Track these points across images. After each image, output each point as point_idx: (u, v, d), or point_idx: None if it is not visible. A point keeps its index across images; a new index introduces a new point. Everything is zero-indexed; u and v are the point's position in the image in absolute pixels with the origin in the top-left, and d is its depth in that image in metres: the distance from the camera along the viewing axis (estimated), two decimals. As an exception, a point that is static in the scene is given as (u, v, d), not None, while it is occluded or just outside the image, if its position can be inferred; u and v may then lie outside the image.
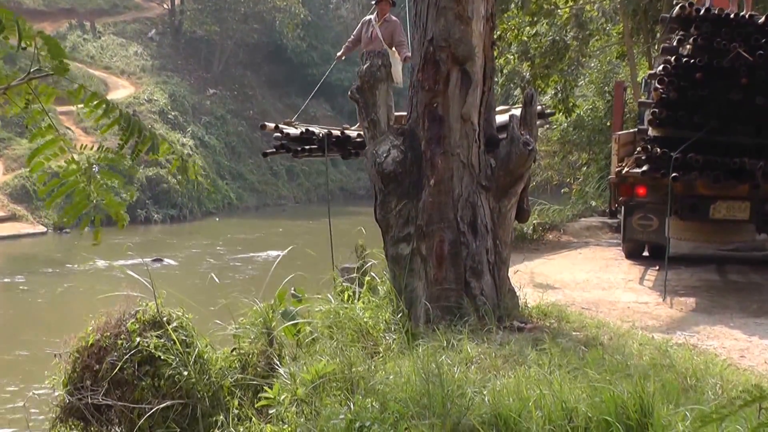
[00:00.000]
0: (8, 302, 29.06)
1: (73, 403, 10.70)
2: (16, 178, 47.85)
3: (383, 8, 16.87)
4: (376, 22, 16.82)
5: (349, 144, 14.63)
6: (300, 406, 8.84)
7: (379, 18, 16.83)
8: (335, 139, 14.75)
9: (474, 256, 10.62)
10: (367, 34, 16.83)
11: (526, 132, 10.89)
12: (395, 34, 16.68)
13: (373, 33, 16.67)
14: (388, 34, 16.68)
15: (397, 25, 16.79)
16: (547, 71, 27.60)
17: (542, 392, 7.04)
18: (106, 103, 5.81)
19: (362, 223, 15.27)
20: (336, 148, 14.78)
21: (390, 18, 16.91)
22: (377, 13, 16.95)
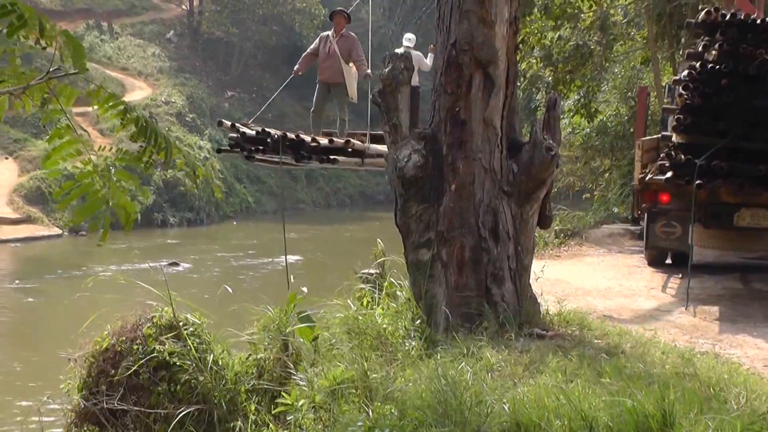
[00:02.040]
0: (22, 305, 29.04)
1: (88, 408, 10.65)
2: (32, 179, 47.85)
3: (339, 22, 17.25)
4: (333, 38, 17.10)
5: (302, 148, 14.58)
6: (318, 413, 8.76)
7: (336, 33, 17.17)
8: (289, 142, 14.68)
9: (495, 263, 10.50)
10: (325, 49, 17.14)
11: (548, 137, 10.76)
12: (353, 49, 17.08)
13: (331, 48, 17.03)
14: (345, 49, 17.05)
15: (354, 41, 17.19)
16: (570, 76, 27.49)
17: (562, 401, 6.94)
18: (124, 106, 5.72)
19: (381, 228, 15.24)
20: (290, 151, 14.70)
21: (347, 33, 17.28)
22: (334, 27, 17.27)
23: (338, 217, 55.74)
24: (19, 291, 31.21)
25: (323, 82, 17.43)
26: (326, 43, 17.09)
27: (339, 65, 16.96)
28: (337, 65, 17.01)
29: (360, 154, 15.22)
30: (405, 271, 11.54)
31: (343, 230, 46.16)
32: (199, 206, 52.99)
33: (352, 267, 14.30)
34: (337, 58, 16.89)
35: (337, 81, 17.23)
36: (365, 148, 15.13)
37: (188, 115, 59.90)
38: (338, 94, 17.35)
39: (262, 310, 11.51)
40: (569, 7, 26.75)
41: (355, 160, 15.19)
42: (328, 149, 14.93)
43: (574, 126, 32.27)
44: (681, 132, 15.08)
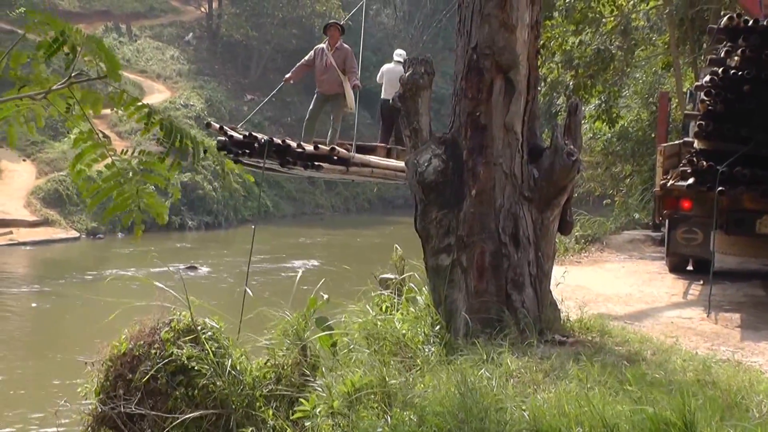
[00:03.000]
0: (39, 308, 29.07)
1: (105, 412, 10.64)
2: (49, 182, 47.92)
3: (333, 34, 17.64)
4: (328, 50, 17.46)
5: (288, 153, 14.64)
6: (336, 419, 8.71)
7: (330, 46, 17.55)
8: (275, 147, 14.73)
9: (515, 268, 10.44)
10: (322, 63, 17.51)
11: (570, 142, 10.70)
12: (347, 60, 17.43)
13: (328, 61, 17.40)
14: (340, 61, 17.42)
15: (348, 52, 17.59)
16: (591, 81, 27.42)
17: (583, 408, 6.88)
18: (148, 109, 5.70)
19: (400, 232, 15.23)
20: (276, 156, 14.78)
21: (341, 45, 17.67)
22: (328, 40, 17.66)
23: (357, 222, 55.72)
24: (36, 294, 31.24)
25: (321, 93, 17.65)
26: (322, 56, 17.51)
27: (337, 77, 17.35)
28: (335, 77, 17.41)
29: (345, 162, 15.26)
30: (424, 276, 11.50)
31: (361, 235, 46.18)
32: (217, 210, 53.04)
33: (370, 272, 14.26)
34: (335, 71, 17.31)
35: (336, 92, 17.60)
36: (350, 157, 15.18)
37: (207, 119, 59.81)
38: (335, 105, 17.74)
39: (281, 315, 11.49)
40: (590, 12, 26.68)
41: (340, 168, 15.25)
42: (313, 156, 14.98)
43: (595, 131, 32.20)
44: (703, 138, 15.01)
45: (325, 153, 14.96)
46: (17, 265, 37.92)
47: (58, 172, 48.46)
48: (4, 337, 24.13)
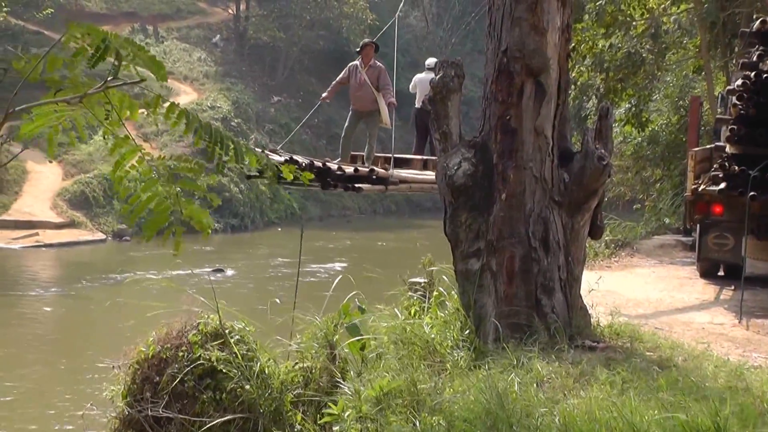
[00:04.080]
0: (66, 311, 29.16)
1: (132, 415, 10.65)
2: (76, 183, 48.03)
3: (368, 52, 17.70)
4: (362, 68, 17.53)
5: (328, 176, 14.71)
6: (364, 424, 8.68)
7: (364, 64, 17.59)
8: (316, 170, 14.77)
9: (545, 273, 10.38)
10: (356, 80, 17.58)
11: (600, 146, 10.63)
12: (381, 77, 17.47)
13: (361, 78, 17.47)
14: (374, 78, 17.46)
15: (381, 70, 17.61)
16: (622, 85, 27.31)
17: (614, 414, 6.82)
18: (186, 114, 5.68)
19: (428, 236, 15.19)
20: (316, 178, 14.85)
21: (375, 63, 17.68)
22: (362, 58, 17.74)
23: (384, 225, 55.72)
24: (62, 296, 31.33)
25: (357, 110, 17.73)
26: (356, 73, 17.65)
27: (372, 94, 17.46)
28: (369, 94, 17.49)
29: (384, 181, 15.28)
30: (453, 280, 11.45)
31: (388, 238, 46.11)
32: (243, 212, 53.07)
33: (398, 275, 14.22)
34: (369, 88, 17.42)
35: (371, 109, 17.67)
36: (389, 176, 15.19)
37: (234, 120, 59.88)
38: (370, 121, 17.80)
39: (310, 317, 11.47)
40: (621, 15, 26.57)
41: (378, 187, 15.26)
42: (353, 177, 15.02)
43: (625, 135, 32.08)
44: (735, 142, 14.93)
45: (364, 174, 14.99)
46: (43, 267, 38.04)
47: (85, 174, 48.60)
48: (30, 340, 24.21)
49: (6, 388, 18.81)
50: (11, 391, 18.64)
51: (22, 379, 19.70)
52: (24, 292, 31.26)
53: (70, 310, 29.09)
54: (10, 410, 17.43)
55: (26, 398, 18.25)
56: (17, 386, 19.04)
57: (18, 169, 47.58)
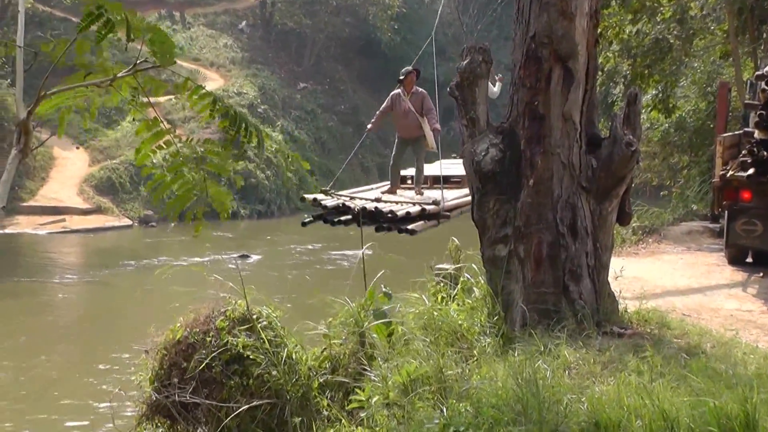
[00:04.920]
0: (92, 297, 29.28)
1: (159, 401, 10.68)
2: (102, 169, 48.19)
3: (410, 81, 17.62)
4: (405, 96, 17.50)
5: (381, 217, 14.71)
6: (391, 409, 8.68)
7: (407, 91, 17.53)
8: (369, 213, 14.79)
9: (573, 259, 10.35)
10: (400, 108, 17.52)
11: (629, 132, 10.57)
12: (424, 103, 17.41)
13: (405, 107, 17.39)
14: (418, 104, 17.39)
15: (424, 96, 17.54)
16: (649, 70, 27.16)
17: (642, 401, 6.80)
18: (213, 97, 5.69)
19: (455, 223, 15.09)
20: (369, 221, 14.89)
21: (417, 90, 17.64)
22: (404, 86, 17.65)
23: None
24: (89, 282, 31.45)
25: (403, 138, 17.88)
26: (399, 102, 17.63)
27: (417, 120, 17.42)
28: (414, 121, 17.46)
29: (436, 216, 15.26)
30: (481, 266, 11.43)
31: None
32: (270, 198, 53.08)
33: (424, 262, 14.21)
34: (413, 114, 17.39)
35: (417, 135, 17.66)
36: (440, 210, 15.15)
37: (260, 107, 59.89)
38: (417, 146, 17.79)
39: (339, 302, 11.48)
40: (648, 0, 26.40)
41: (431, 224, 15.21)
42: (405, 219, 15.05)
43: (652, 121, 31.91)
44: (763, 128, 14.85)
45: (416, 214, 14.99)
46: (70, 252, 38.20)
47: (111, 160, 48.77)
48: (58, 325, 24.31)
49: (33, 374, 18.89)
50: (38, 378, 18.72)
51: (50, 365, 19.79)
52: (50, 277, 31.39)
53: (97, 296, 29.20)
54: (37, 397, 17.51)
55: (53, 384, 18.32)
56: (44, 372, 19.12)
57: (45, 155, 47.78)
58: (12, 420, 16.01)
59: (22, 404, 16.92)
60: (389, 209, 14.59)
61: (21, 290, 28.38)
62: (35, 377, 18.59)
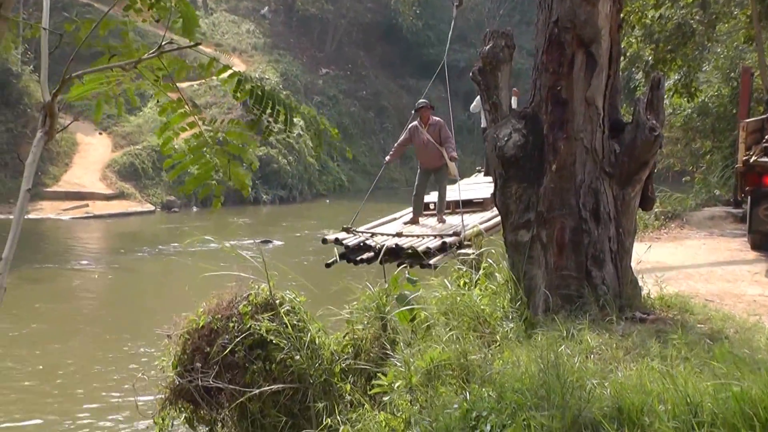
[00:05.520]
0: (115, 282, 29.37)
1: (182, 385, 10.72)
2: (125, 155, 48.38)
3: (424, 114, 17.88)
4: (422, 128, 17.78)
5: (402, 254, 14.74)
6: (414, 394, 8.69)
7: (424, 123, 17.81)
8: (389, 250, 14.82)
9: (596, 245, 10.33)
10: (419, 140, 17.83)
11: (652, 117, 10.54)
12: (442, 132, 17.75)
13: (425, 138, 17.70)
14: (436, 135, 17.72)
15: (441, 125, 17.86)
16: (671, 55, 27.06)
17: (666, 386, 6.79)
18: (240, 76, 5.71)
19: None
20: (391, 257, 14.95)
21: (434, 120, 17.92)
22: (420, 118, 17.94)
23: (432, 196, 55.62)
24: (112, 267, 31.55)
25: (425, 168, 18.19)
26: (417, 133, 17.91)
27: (437, 151, 17.71)
28: (435, 151, 17.74)
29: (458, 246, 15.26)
30: (503, 251, 11.43)
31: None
32: (292, 184, 53.18)
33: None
34: (433, 145, 17.69)
35: (439, 165, 17.93)
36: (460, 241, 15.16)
37: (282, 92, 59.77)
38: (440, 176, 18.07)
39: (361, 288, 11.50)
40: (671, -15, 26.33)
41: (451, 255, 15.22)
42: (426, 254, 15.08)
43: (675, 107, 31.81)
44: (786, 113, 14.80)
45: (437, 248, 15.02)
46: (93, 237, 38.35)
47: (134, 146, 48.94)
48: (81, 310, 24.41)
49: (57, 360, 18.98)
50: (63, 362, 18.80)
51: (74, 350, 19.86)
52: (74, 263, 31.53)
53: (120, 281, 29.30)
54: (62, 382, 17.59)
55: (77, 369, 18.39)
56: (69, 358, 19.20)
57: (68, 140, 47.99)
58: (33, 406, 16.09)
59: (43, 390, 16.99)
60: (409, 245, 14.71)
61: (44, 276, 28.49)
62: (56, 363, 18.65)
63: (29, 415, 15.61)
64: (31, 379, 17.55)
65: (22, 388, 16.99)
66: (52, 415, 15.67)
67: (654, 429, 6.35)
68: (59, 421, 15.38)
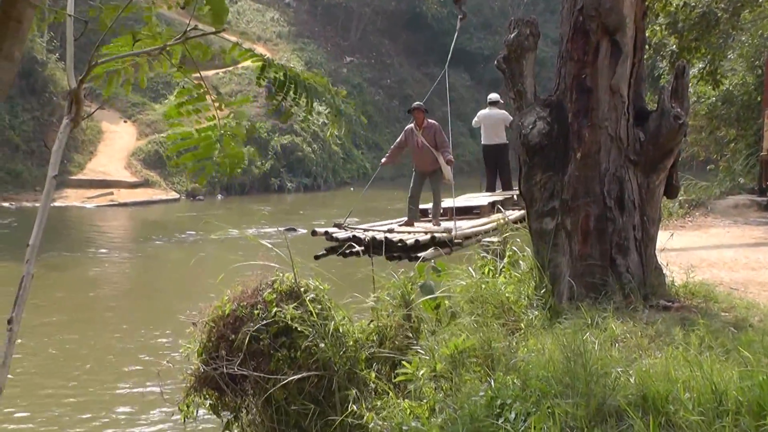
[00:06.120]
0: (141, 269, 29.50)
1: (207, 373, 10.74)
2: (150, 143, 48.56)
3: (418, 116, 17.98)
4: (417, 131, 17.85)
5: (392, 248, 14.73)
6: (438, 382, 8.71)
7: (418, 126, 17.89)
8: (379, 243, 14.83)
9: (620, 233, 10.35)
10: (414, 143, 17.94)
11: (677, 105, 10.53)
12: (437, 136, 17.81)
13: (419, 141, 17.77)
14: (431, 138, 17.78)
15: (437, 129, 17.93)
16: (696, 44, 26.93)
17: (691, 373, 6.80)
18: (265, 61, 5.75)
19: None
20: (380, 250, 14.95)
21: (429, 123, 17.98)
22: (415, 121, 18.03)
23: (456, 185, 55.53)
24: (137, 254, 31.68)
25: (420, 171, 18.28)
26: (413, 136, 18.00)
27: (431, 154, 17.78)
28: (429, 155, 17.82)
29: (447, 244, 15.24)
30: (527, 239, 11.44)
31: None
32: (316, 172, 53.26)
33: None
34: (428, 149, 17.74)
35: (433, 169, 17.99)
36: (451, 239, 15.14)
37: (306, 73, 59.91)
38: (435, 180, 18.15)
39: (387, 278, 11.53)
40: (696, -28, 26.20)
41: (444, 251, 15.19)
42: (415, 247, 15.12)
43: (699, 95, 31.69)
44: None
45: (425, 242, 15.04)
46: (117, 225, 38.51)
47: (159, 134, 49.07)
48: (106, 298, 24.51)
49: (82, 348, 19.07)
50: (88, 350, 18.89)
51: (99, 337, 19.94)
52: (99, 250, 31.66)
53: (145, 269, 29.42)
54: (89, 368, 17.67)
55: (102, 355, 18.47)
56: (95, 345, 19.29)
57: (93, 129, 48.19)
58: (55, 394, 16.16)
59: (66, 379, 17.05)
60: (399, 238, 14.74)
61: (67, 263, 28.59)
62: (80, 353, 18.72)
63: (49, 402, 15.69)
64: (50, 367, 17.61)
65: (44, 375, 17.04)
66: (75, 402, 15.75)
67: (679, 417, 6.36)
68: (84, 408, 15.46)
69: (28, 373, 16.90)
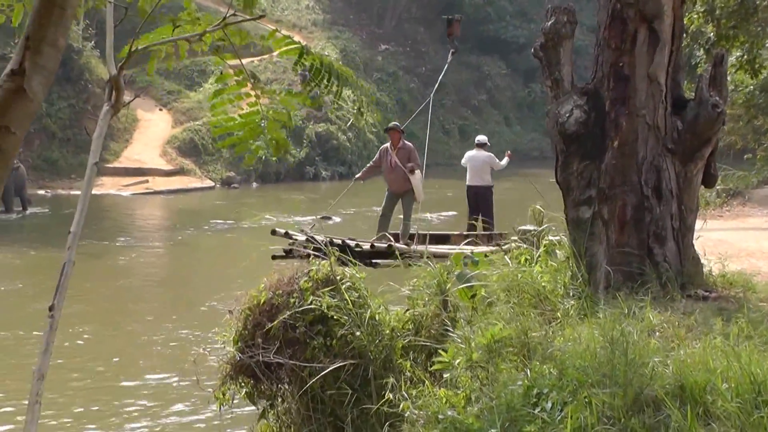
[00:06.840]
0: (177, 257, 29.65)
1: (243, 361, 10.78)
2: (185, 131, 48.66)
3: (393, 136, 18.75)
4: (392, 151, 18.45)
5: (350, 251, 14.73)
6: (475, 371, 8.68)
7: (393, 146, 18.54)
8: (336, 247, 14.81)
9: (658, 222, 10.30)
10: (387, 163, 18.54)
11: (715, 93, 10.46)
12: (410, 156, 18.56)
13: (393, 161, 18.37)
14: (404, 159, 18.44)
15: (411, 150, 18.78)
16: (734, 32, 26.73)
17: (729, 364, 6.76)
18: (302, 48, 5.77)
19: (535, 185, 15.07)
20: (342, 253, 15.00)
21: (404, 144, 18.72)
22: (390, 141, 18.76)
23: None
24: (173, 242, 31.81)
25: (393, 192, 18.84)
26: (387, 156, 18.56)
27: (403, 174, 18.35)
28: (401, 175, 18.41)
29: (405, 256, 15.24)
30: (564, 228, 11.40)
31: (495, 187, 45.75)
32: (351, 160, 53.25)
33: (507, 224, 14.20)
34: (400, 169, 18.32)
35: (405, 189, 18.53)
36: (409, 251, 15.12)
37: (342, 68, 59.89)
38: (407, 200, 18.66)
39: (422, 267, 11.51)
40: (733, -41, 26.00)
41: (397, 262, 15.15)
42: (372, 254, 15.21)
43: (737, 83, 31.48)
44: None
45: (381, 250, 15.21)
46: (154, 213, 38.69)
47: (194, 122, 49.22)
48: (142, 286, 24.61)
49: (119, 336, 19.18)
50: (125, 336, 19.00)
51: (136, 324, 20.03)
52: (131, 238, 31.77)
53: (181, 257, 29.56)
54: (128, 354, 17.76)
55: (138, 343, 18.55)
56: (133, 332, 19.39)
57: (129, 117, 48.37)
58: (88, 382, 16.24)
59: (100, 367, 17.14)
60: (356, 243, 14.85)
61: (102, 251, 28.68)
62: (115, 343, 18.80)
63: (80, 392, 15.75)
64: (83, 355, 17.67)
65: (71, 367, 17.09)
66: (121, 381, 15.84)
67: (717, 407, 6.34)
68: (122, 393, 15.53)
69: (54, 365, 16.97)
